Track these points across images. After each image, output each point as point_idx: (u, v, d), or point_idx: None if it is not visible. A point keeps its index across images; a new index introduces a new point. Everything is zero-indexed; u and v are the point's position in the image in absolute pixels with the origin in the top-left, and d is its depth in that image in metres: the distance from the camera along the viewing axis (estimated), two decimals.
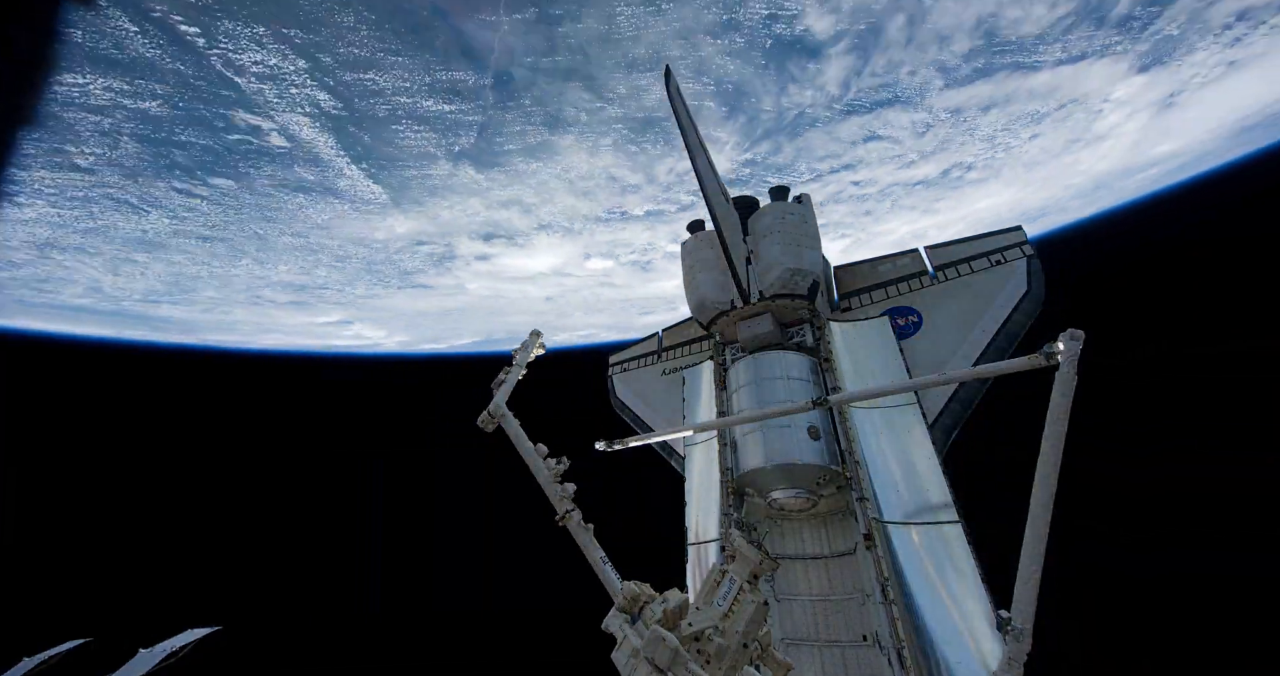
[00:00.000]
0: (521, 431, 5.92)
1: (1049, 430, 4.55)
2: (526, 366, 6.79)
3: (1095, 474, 27.51)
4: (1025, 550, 4.33)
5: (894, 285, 12.54)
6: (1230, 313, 32.91)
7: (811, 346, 11.35)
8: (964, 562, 8.02)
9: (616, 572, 5.03)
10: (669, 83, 10.27)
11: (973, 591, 7.70)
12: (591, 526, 5.45)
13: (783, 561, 9.49)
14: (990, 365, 5.85)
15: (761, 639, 4.32)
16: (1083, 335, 4.81)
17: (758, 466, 9.58)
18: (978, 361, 10.50)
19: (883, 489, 9.14)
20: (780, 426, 9.66)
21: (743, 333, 11.59)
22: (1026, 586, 4.23)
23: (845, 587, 8.87)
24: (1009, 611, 4.23)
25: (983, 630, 7.29)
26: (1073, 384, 4.59)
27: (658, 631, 3.80)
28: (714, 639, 4.05)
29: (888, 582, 7.99)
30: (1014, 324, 10.76)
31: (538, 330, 7.05)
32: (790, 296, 11.46)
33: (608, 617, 4.47)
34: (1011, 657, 4.08)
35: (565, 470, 5.78)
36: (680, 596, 4.48)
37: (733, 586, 4.41)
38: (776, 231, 11.79)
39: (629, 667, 3.87)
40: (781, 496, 9.54)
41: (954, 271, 11.97)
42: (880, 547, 8.39)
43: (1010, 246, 11.66)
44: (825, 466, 9.31)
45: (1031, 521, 4.36)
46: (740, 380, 10.88)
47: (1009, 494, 5.79)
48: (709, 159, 11.29)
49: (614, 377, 16.83)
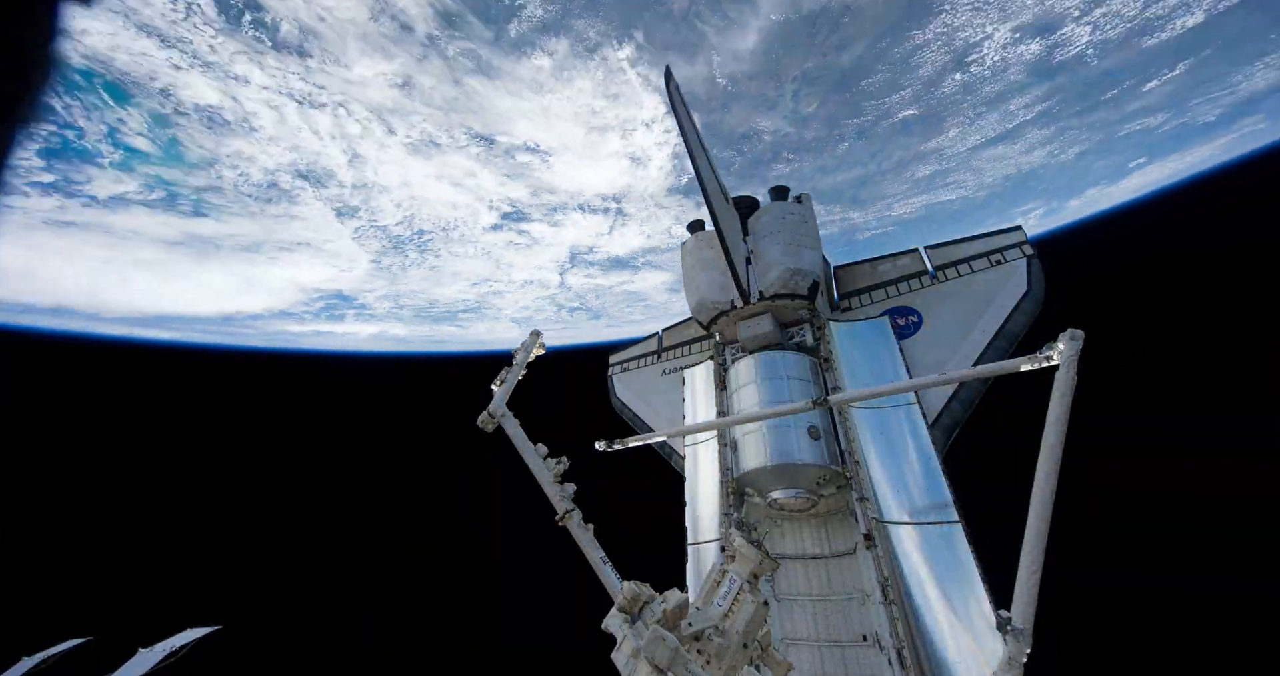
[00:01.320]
0: (521, 431, 5.93)
1: (1049, 430, 4.55)
2: (526, 366, 6.79)
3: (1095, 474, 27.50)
4: (1025, 550, 4.33)
5: (894, 285, 12.53)
6: (1230, 313, 32.91)
7: (811, 346, 11.35)
8: (964, 562, 8.01)
9: (616, 572, 5.04)
10: (669, 83, 10.26)
11: (973, 591, 7.69)
12: (591, 526, 5.45)
13: (783, 561, 9.48)
14: (990, 365, 5.85)
15: (761, 639, 4.32)
16: (1083, 335, 4.81)
17: (758, 466, 9.57)
18: (978, 361, 10.50)
19: (882, 489, 9.14)
20: (780, 426, 9.65)
21: (743, 333, 11.59)
22: (1026, 586, 4.24)
23: (845, 587, 8.87)
24: (1009, 611, 4.24)
25: (983, 630, 7.28)
26: (1073, 384, 4.59)
27: (658, 631, 3.80)
28: (714, 639, 4.05)
29: (888, 582, 7.99)
30: (1014, 324, 10.75)
31: (538, 330, 7.06)
32: (790, 296, 11.45)
33: (608, 617, 4.47)
34: (1011, 657, 4.08)
35: (565, 470, 5.78)
36: (680, 596, 4.47)
37: (733, 586, 4.41)
38: (776, 231, 11.78)
39: (629, 667, 3.87)
40: (781, 496, 9.53)
41: (954, 271, 11.96)
42: (880, 547, 8.38)
43: (1010, 246, 11.65)
44: (825, 466, 9.31)
45: (1031, 521, 4.36)
46: (740, 380, 10.87)
47: (1009, 494, 5.79)
48: (709, 159, 11.28)
49: (614, 377, 16.82)
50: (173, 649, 13.06)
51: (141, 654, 12.76)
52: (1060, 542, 4.57)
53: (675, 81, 10.43)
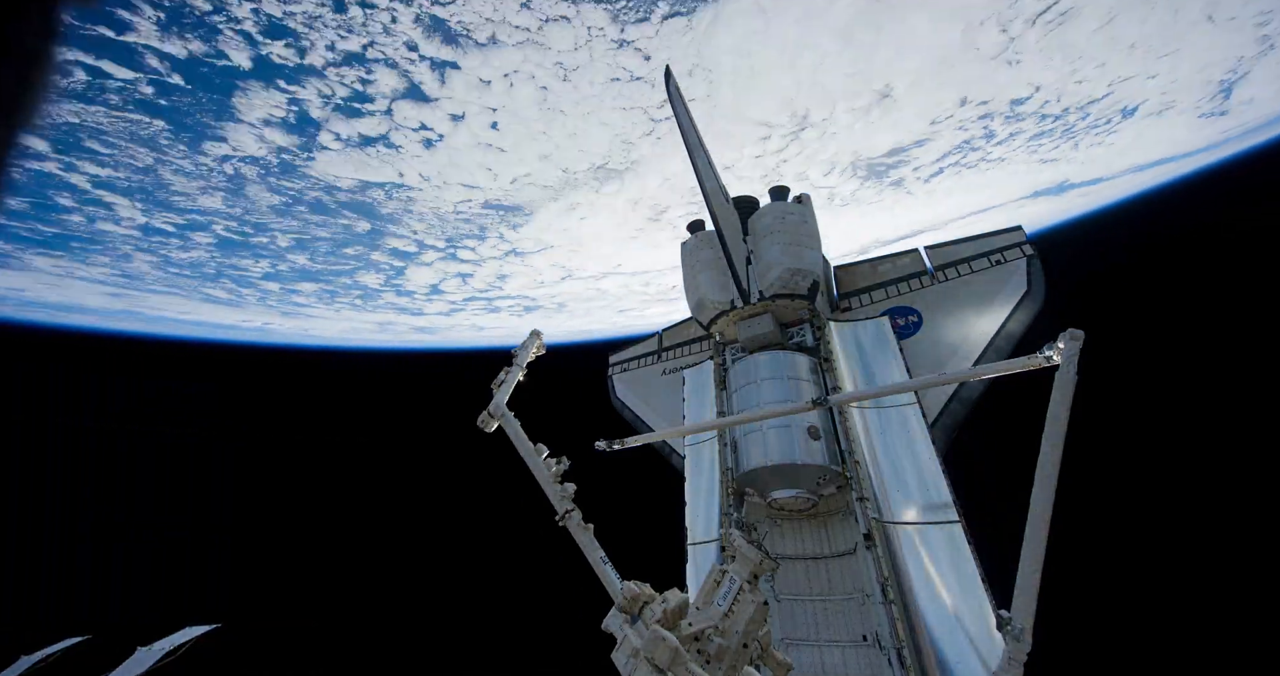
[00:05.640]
0: (521, 431, 5.92)
1: (1049, 430, 4.55)
2: (526, 366, 6.79)
3: (1095, 474, 27.53)
4: (1025, 550, 4.33)
5: (894, 285, 12.54)
6: (1231, 312, 32.93)
7: (811, 346, 11.35)
8: (964, 562, 8.01)
9: (616, 572, 5.03)
10: (669, 83, 10.27)
11: (973, 591, 7.70)
12: (591, 526, 5.45)
13: (783, 561, 9.49)
14: (990, 365, 5.85)
15: (761, 639, 4.32)
16: (1083, 335, 4.82)
17: (758, 466, 9.58)
18: (978, 361, 10.51)
19: (882, 489, 9.15)
20: (780, 426, 9.66)
21: (743, 333, 11.59)
22: (1026, 586, 4.24)
23: (845, 587, 8.87)
24: (1009, 611, 4.24)
25: (983, 630, 7.29)
26: (1073, 384, 4.59)
27: (658, 631, 3.80)
28: (714, 639, 4.05)
29: (888, 582, 8.00)
30: (1014, 324, 10.77)
31: (538, 330, 7.05)
32: (790, 296, 11.45)
33: (608, 617, 4.47)
34: (1011, 657, 4.09)
35: (565, 470, 5.78)
36: (680, 596, 4.48)
37: (733, 586, 4.41)
38: (776, 231, 11.79)
39: (629, 667, 3.87)
40: (781, 496, 9.54)
41: (954, 271, 11.97)
42: (880, 547, 8.39)
43: (1010, 246, 11.67)
44: (825, 466, 9.31)
45: (1031, 521, 4.37)
46: (740, 380, 10.88)
47: (1009, 494, 5.80)
48: (709, 159, 11.28)
49: (614, 377, 16.83)
50: (172, 647, 13.07)
51: (140, 652, 12.76)
52: (1060, 543, 4.57)
53: (675, 81, 10.44)
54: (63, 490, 40.52)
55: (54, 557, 36.49)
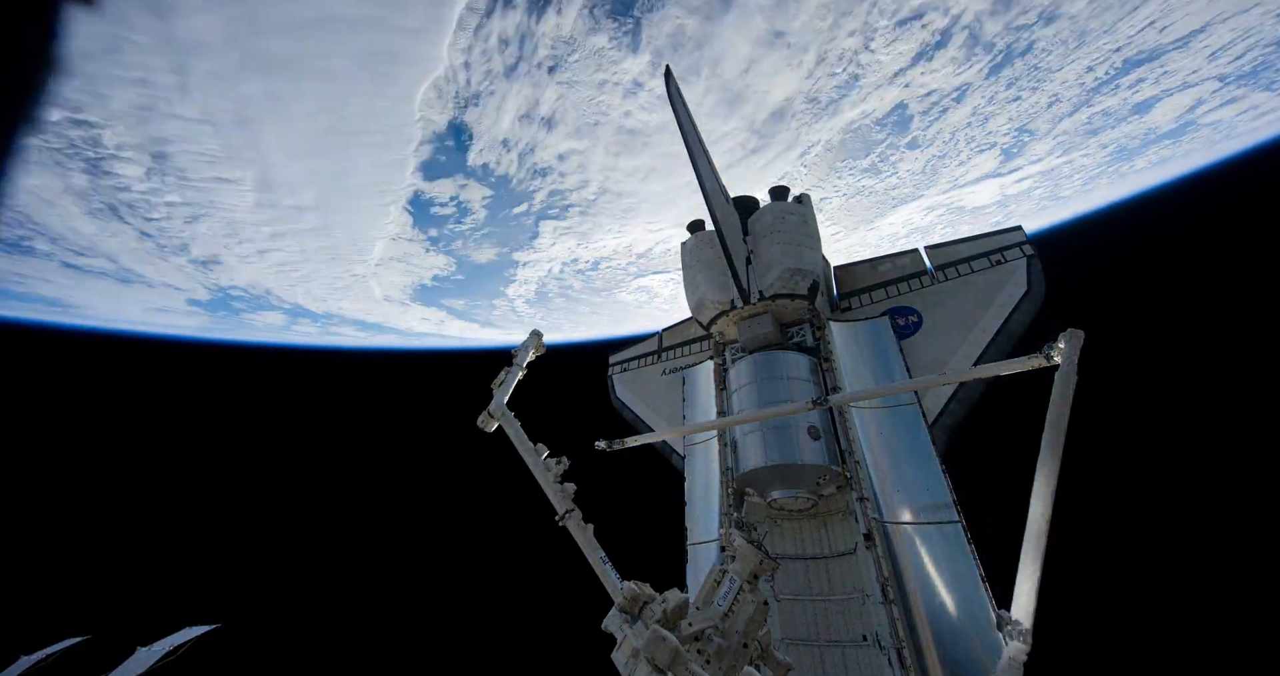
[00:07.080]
0: (522, 431, 5.92)
1: (1049, 430, 4.55)
2: (526, 366, 6.79)
3: (1095, 474, 27.51)
4: (1025, 550, 4.33)
5: (894, 285, 12.53)
6: (1231, 312, 32.91)
7: (811, 346, 11.34)
8: (964, 562, 8.01)
9: (616, 572, 5.03)
10: (669, 83, 10.25)
11: (973, 591, 7.70)
12: (591, 526, 5.45)
13: (783, 561, 9.48)
14: (990, 365, 5.86)
15: (761, 639, 4.32)
16: (1083, 335, 4.82)
17: (758, 466, 9.57)
18: (978, 361, 10.49)
19: (883, 489, 9.14)
20: (780, 426, 9.65)
21: (743, 333, 11.58)
22: (1026, 586, 4.24)
23: (845, 587, 8.87)
24: (1009, 611, 4.24)
25: (983, 630, 7.28)
26: (1073, 384, 4.59)
27: (658, 631, 3.80)
28: (714, 639, 4.05)
29: (888, 582, 7.99)
30: (1014, 324, 10.74)
31: (538, 330, 7.05)
32: (790, 296, 11.44)
33: (608, 617, 4.47)
34: (1011, 657, 4.09)
35: (565, 470, 5.78)
36: (680, 596, 4.47)
37: (733, 586, 4.41)
38: (776, 231, 11.77)
39: (629, 667, 3.87)
40: (781, 496, 9.54)
41: (954, 271, 11.96)
42: (880, 547, 8.38)
43: (1010, 246, 11.65)
44: (825, 466, 9.31)
45: (1031, 521, 4.37)
46: (740, 380, 10.87)
47: (1009, 494, 5.80)
48: (709, 159, 11.27)
49: (614, 377, 16.82)
50: (172, 647, 13.06)
51: (140, 652, 12.75)
52: (1060, 543, 4.57)
53: (675, 81, 10.42)
54: (63, 490, 40.52)
55: (54, 557, 36.48)
